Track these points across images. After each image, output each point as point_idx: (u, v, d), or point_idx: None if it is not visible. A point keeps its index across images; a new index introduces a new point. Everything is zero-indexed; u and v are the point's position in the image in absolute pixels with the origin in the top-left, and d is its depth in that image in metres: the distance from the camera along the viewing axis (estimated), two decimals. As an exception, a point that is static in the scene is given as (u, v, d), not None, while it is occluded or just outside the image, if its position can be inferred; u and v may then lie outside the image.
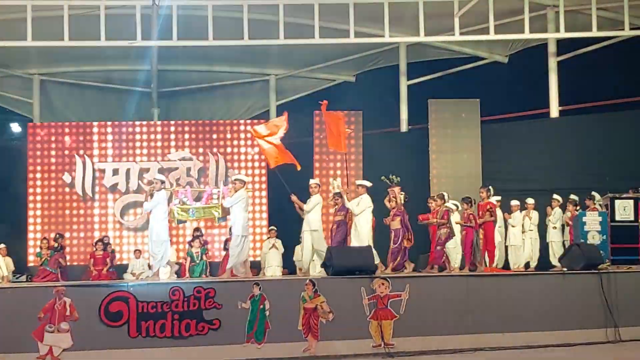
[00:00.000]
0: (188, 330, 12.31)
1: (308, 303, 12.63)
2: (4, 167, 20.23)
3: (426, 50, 20.70)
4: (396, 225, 15.40)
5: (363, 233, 14.89)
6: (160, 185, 14.65)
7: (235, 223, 14.61)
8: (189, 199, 15.34)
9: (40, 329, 11.95)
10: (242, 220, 14.55)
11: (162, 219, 14.53)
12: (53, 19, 16.36)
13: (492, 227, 15.96)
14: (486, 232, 15.93)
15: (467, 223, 15.72)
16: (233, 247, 14.56)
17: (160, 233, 14.47)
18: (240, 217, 14.54)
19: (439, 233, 15.82)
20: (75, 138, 19.92)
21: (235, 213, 14.59)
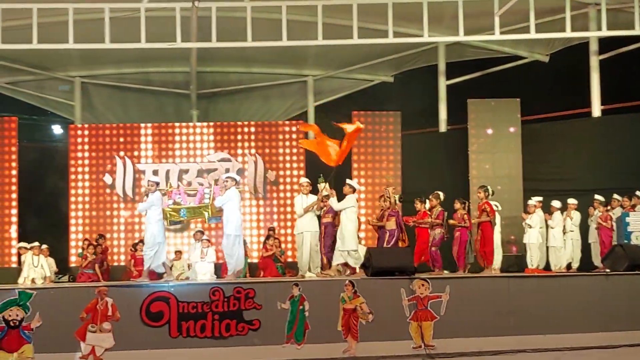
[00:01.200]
0: (228, 331, 12.37)
1: (347, 304, 12.63)
2: (46, 169, 20.47)
3: (465, 49, 20.58)
4: (391, 226, 15.38)
5: (347, 234, 14.72)
6: (155, 187, 14.68)
7: (227, 223, 14.38)
8: (182, 200, 15.33)
9: (83, 329, 12.09)
10: (234, 220, 14.32)
11: (157, 220, 14.53)
12: (94, 21, 16.50)
13: (489, 228, 15.83)
14: (484, 232, 15.83)
15: (461, 223, 15.63)
16: (227, 247, 14.33)
17: (155, 235, 14.47)
18: (233, 217, 14.32)
19: (433, 233, 15.79)
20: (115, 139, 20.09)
21: (227, 212, 14.37)
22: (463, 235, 15.63)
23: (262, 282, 13.33)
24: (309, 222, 15.01)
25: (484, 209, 15.87)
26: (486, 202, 15.94)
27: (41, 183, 20.19)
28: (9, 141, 19.48)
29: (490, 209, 15.89)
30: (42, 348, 11.98)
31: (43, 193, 20.21)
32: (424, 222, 16.03)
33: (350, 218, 14.88)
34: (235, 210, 14.40)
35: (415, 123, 20.70)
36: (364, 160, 20.01)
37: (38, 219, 19.67)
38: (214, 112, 22.73)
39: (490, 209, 15.89)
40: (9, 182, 19.36)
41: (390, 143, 20.05)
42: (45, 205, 20.18)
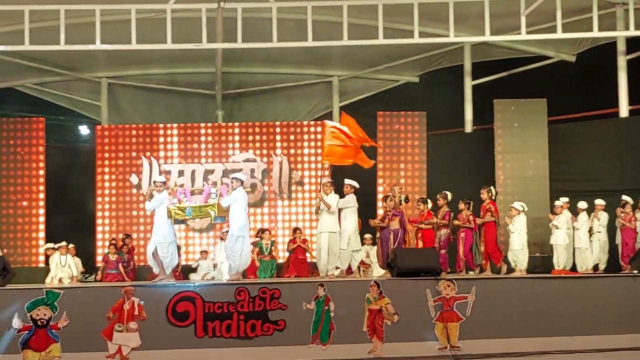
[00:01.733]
0: (253, 331, 12.43)
1: (373, 304, 12.65)
2: (73, 169, 20.61)
3: (491, 49, 20.50)
4: (395, 226, 15.27)
5: (345, 234, 14.77)
6: (162, 186, 14.65)
7: (232, 223, 14.28)
8: (187, 198, 15.35)
9: (110, 329, 12.19)
10: (239, 220, 14.17)
11: (167, 220, 14.46)
12: (121, 22, 16.59)
13: (492, 228, 15.72)
14: (486, 233, 15.71)
15: (466, 224, 15.53)
16: (230, 247, 14.20)
17: (167, 234, 14.37)
18: (238, 217, 14.17)
19: (439, 234, 15.68)
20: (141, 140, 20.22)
21: (233, 212, 14.24)
22: (468, 236, 15.50)
23: (287, 283, 13.37)
24: (327, 223, 14.93)
25: (488, 209, 15.76)
26: (490, 202, 15.82)
27: (68, 183, 20.35)
28: (37, 141, 19.65)
29: (495, 209, 15.78)
30: (70, 347, 12.10)
31: (70, 193, 20.38)
32: (428, 222, 15.93)
33: (350, 219, 14.96)
34: (241, 210, 14.26)
35: (440, 123, 20.65)
36: (389, 160, 19.99)
37: (65, 219, 19.82)
38: (239, 112, 22.80)
39: (495, 209, 15.78)
40: (36, 182, 19.53)
41: (416, 143, 20.03)
42: (72, 205, 20.33)
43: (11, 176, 19.50)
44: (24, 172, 19.53)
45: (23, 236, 19.38)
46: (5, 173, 19.49)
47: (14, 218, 19.44)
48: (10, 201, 19.47)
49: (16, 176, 19.50)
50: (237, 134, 20.42)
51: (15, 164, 19.52)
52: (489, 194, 15.95)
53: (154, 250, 14.28)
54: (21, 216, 19.46)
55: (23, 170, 19.53)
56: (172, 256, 14.46)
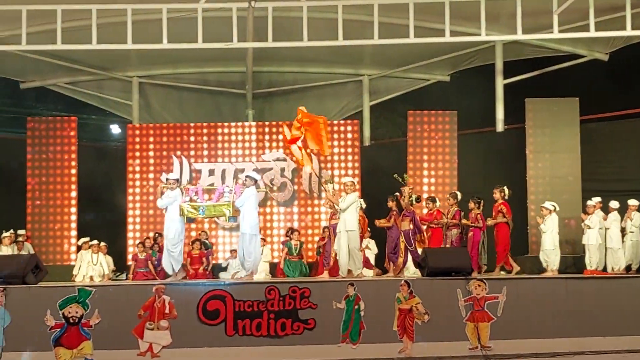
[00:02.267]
0: (284, 330, 12.45)
1: (403, 304, 12.62)
2: (104, 168, 20.77)
3: (523, 48, 20.39)
4: (406, 227, 15.22)
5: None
6: (175, 184, 14.75)
7: (244, 221, 14.41)
8: (199, 197, 15.36)
9: (141, 327, 12.27)
10: (251, 219, 14.35)
11: (179, 218, 14.62)
12: (152, 22, 16.70)
13: (504, 229, 15.61)
14: (498, 233, 15.69)
15: (474, 224, 15.42)
16: (245, 247, 14.29)
17: (179, 232, 14.56)
18: (250, 216, 14.35)
19: (450, 234, 15.62)
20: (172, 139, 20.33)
21: (245, 211, 14.40)
22: (476, 235, 15.42)
23: (317, 282, 13.38)
24: (347, 221, 14.83)
25: (500, 210, 15.66)
26: (503, 202, 15.72)
27: (99, 182, 20.50)
28: (69, 140, 19.82)
29: (508, 210, 15.67)
30: (101, 345, 12.19)
31: (101, 192, 20.53)
32: (438, 222, 15.84)
33: (351, 217, 14.87)
34: (252, 209, 14.43)
35: (471, 122, 20.56)
36: (420, 160, 19.94)
37: (96, 217, 20.03)
38: (269, 111, 22.85)
39: (508, 210, 15.67)
40: (68, 180, 19.70)
41: (447, 143, 19.94)
42: (104, 204, 20.52)
43: (43, 175, 19.68)
44: (56, 170, 19.71)
45: (55, 234, 19.55)
46: (37, 172, 19.68)
47: (46, 216, 19.61)
48: (43, 199, 19.65)
49: (48, 175, 19.68)
50: (267, 133, 20.46)
51: (48, 162, 19.70)
52: (501, 194, 15.87)
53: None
54: (53, 214, 19.62)
55: (55, 169, 19.71)
56: (180, 253, 14.64)
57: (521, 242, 18.64)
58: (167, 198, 14.61)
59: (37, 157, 19.72)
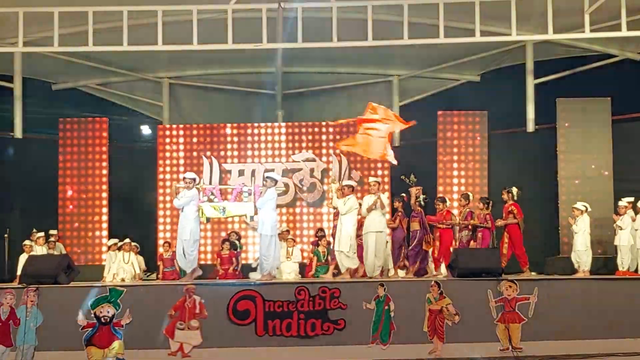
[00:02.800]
0: (314, 330, 12.47)
1: (433, 305, 12.59)
2: (135, 168, 20.91)
3: (554, 48, 20.24)
4: (415, 227, 15.17)
5: (345, 234, 14.63)
6: (192, 183, 14.61)
7: (263, 223, 14.37)
8: (217, 197, 15.28)
9: (172, 326, 12.34)
10: (270, 220, 14.34)
11: (195, 217, 14.50)
12: (182, 23, 16.80)
13: (516, 230, 15.41)
14: (511, 235, 15.47)
15: (483, 224, 15.27)
16: (264, 248, 14.27)
17: (194, 232, 14.42)
18: (269, 217, 14.34)
19: (460, 235, 15.50)
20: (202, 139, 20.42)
21: (264, 212, 14.38)
22: (485, 236, 15.28)
23: (347, 282, 13.37)
24: (374, 222, 14.81)
25: (510, 211, 15.49)
26: (513, 203, 15.54)
27: (130, 183, 20.63)
28: (100, 141, 20.00)
29: (518, 210, 15.50)
30: (132, 344, 12.29)
31: (132, 192, 20.65)
32: (446, 223, 15.72)
33: (350, 220, 14.83)
34: (271, 210, 14.43)
35: (502, 123, 20.44)
36: (450, 160, 19.88)
37: (127, 218, 20.12)
38: (299, 112, 22.87)
39: (518, 210, 15.50)
40: (99, 181, 19.87)
41: (477, 143, 19.89)
42: (134, 205, 20.61)
43: (75, 175, 19.87)
44: (88, 171, 19.89)
45: (86, 234, 19.74)
46: (69, 172, 19.87)
47: (78, 217, 19.81)
48: (74, 200, 19.82)
49: (80, 175, 19.87)
50: (297, 133, 20.49)
51: (79, 163, 19.89)
52: (509, 194, 15.67)
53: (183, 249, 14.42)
54: (84, 215, 19.82)
55: (87, 169, 19.89)
56: (195, 255, 14.54)
57: (552, 243, 18.54)
58: (184, 198, 14.48)
59: (69, 158, 19.90)
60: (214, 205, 14.99)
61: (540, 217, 19.09)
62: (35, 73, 21.42)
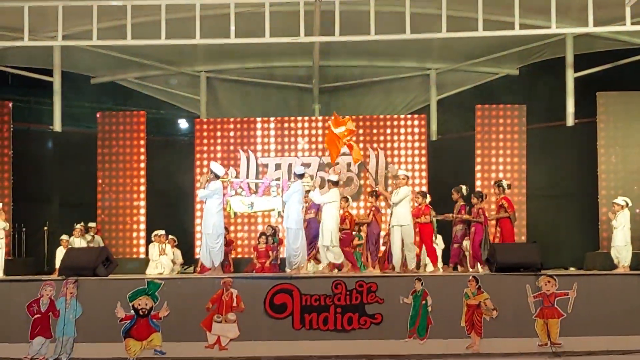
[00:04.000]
0: (350, 324, 12.45)
1: (471, 299, 12.53)
2: (173, 162, 21.04)
3: (594, 41, 20.04)
4: None
5: (327, 228, 14.52)
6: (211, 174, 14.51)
7: (288, 217, 14.40)
8: (245, 191, 15.19)
9: (209, 319, 12.38)
10: (296, 214, 14.36)
11: (218, 210, 14.33)
12: (219, 17, 16.87)
13: (508, 224, 15.08)
14: (502, 229, 15.09)
15: (476, 218, 15.05)
16: (292, 243, 14.27)
17: (217, 225, 14.30)
18: (295, 210, 14.36)
19: (455, 230, 15.28)
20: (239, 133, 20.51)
21: (290, 206, 14.40)
22: (478, 230, 15.02)
23: (384, 277, 13.34)
24: (400, 216, 14.62)
25: (501, 205, 15.15)
26: (504, 197, 15.18)
27: (168, 176, 20.78)
28: (138, 135, 20.15)
29: (509, 204, 15.18)
30: (170, 337, 12.34)
31: (169, 186, 20.80)
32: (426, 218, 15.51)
33: (331, 213, 14.75)
34: (297, 204, 14.44)
35: (541, 116, 20.31)
36: (488, 154, 19.79)
37: (165, 211, 20.26)
38: (335, 106, 22.77)
39: (509, 204, 15.18)
40: (137, 175, 20.04)
41: (515, 137, 19.77)
42: (172, 198, 20.76)
43: (113, 169, 20.06)
44: (126, 165, 20.06)
45: (125, 228, 19.92)
46: (107, 166, 20.06)
47: (116, 210, 19.99)
48: (113, 193, 19.99)
49: (118, 169, 20.06)
50: (333, 127, 20.48)
51: (117, 157, 20.08)
52: (499, 188, 15.27)
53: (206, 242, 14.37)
54: (122, 208, 19.99)
55: (125, 163, 20.06)
56: (220, 248, 14.41)
57: (592, 238, 18.38)
58: (208, 191, 14.35)
59: (107, 152, 20.09)
60: (242, 200, 14.95)
61: (580, 212, 18.95)
62: (75, 67, 21.64)
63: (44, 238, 18.96)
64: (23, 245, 19.17)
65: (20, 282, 13.16)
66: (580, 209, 19.03)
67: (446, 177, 18.50)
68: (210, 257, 14.34)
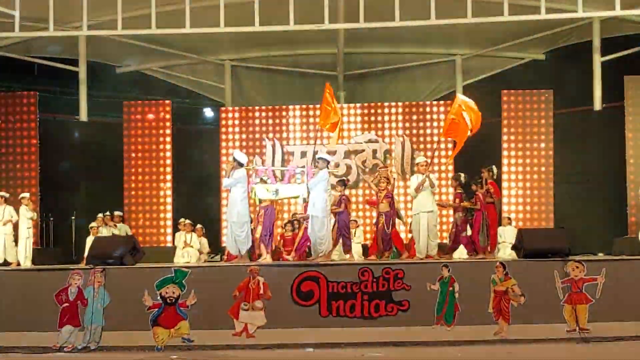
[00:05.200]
0: (377, 311, 12.46)
1: (498, 286, 12.50)
2: (199, 151, 21.14)
3: (622, 24, 19.84)
4: (385, 208, 14.87)
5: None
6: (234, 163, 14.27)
7: (313, 205, 14.18)
8: (270, 178, 15.12)
9: (236, 307, 12.43)
10: (322, 202, 14.10)
11: (242, 198, 14.12)
12: (244, 5, 16.89)
13: (492, 210, 14.76)
14: (488, 215, 14.69)
15: (474, 205, 14.86)
16: (317, 231, 14.08)
17: (242, 214, 14.12)
18: (320, 198, 14.11)
19: (455, 217, 15.07)
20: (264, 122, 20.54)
21: (315, 194, 14.18)
22: (477, 218, 14.73)
23: (410, 263, 13.33)
24: (424, 202, 14.50)
25: (487, 190, 14.77)
26: (490, 182, 14.88)
27: (194, 165, 20.89)
28: (163, 124, 20.22)
29: (495, 190, 14.85)
30: (198, 325, 12.40)
31: (195, 175, 20.89)
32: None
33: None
34: (322, 192, 14.17)
35: (568, 101, 20.17)
36: (515, 140, 19.69)
37: (192, 200, 20.35)
38: (361, 93, 22.86)
39: (495, 190, 14.85)
40: (163, 164, 20.12)
41: (542, 122, 19.64)
42: (198, 187, 20.84)
43: (139, 158, 20.15)
44: (152, 154, 20.14)
45: (151, 217, 20.03)
46: (134, 155, 20.15)
47: (142, 199, 20.09)
48: (139, 182, 20.10)
49: (144, 158, 20.15)
50: (359, 114, 20.50)
51: (144, 145, 20.16)
52: (489, 173, 14.84)
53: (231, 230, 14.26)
54: (149, 197, 20.09)
55: (151, 152, 20.15)
56: (247, 236, 14.27)
57: (620, 223, 18.25)
58: (233, 179, 14.18)
59: (133, 141, 20.18)
60: (266, 187, 14.92)
61: (608, 197, 18.84)
62: (100, 56, 21.78)
63: (71, 227, 19.12)
64: (51, 234, 19.38)
65: (48, 272, 13.29)
66: (608, 194, 18.91)
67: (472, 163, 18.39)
68: (237, 245, 14.30)
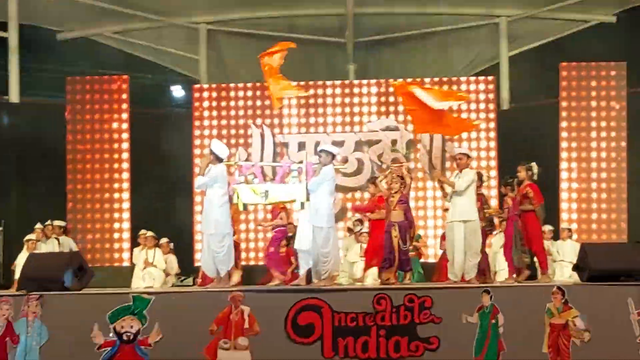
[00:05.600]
0: (398, 351, 12.42)
1: (556, 318, 12.47)
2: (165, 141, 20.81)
3: None
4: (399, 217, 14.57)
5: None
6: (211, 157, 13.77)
7: (316, 212, 13.80)
8: (257, 177, 14.96)
9: (213, 345, 12.38)
10: (325, 208, 13.74)
11: (222, 203, 13.73)
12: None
13: (533, 219, 14.65)
14: (525, 224, 14.63)
15: (500, 213, 14.82)
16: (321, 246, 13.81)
17: (221, 223, 13.72)
18: (324, 203, 13.73)
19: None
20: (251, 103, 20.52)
21: (316, 198, 13.78)
22: (508, 229, 14.79)
23: (441, 288, 13.31)
24: (461, 208, 14.10)
25: (525, 194, 14.63)
26: (529, 184, 14.75)
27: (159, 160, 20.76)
28: (119, 106, 20.24)
29: (536, 194, 14.63)
30: (163, 368, 12.41)
31: (161, 173, 20.80)
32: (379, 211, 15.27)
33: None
34: (327, 195, 13.81)
35: (645, 76, 20.23)
36: (576, 128, 19.75)
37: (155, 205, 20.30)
38: (376, 66, 22.87)
39: (536, 194, 14.63)
40: (118, 158, 20.27)
41: (612, 104, 19.68)
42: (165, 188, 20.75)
43: (87, 151, 20.13)
44: (104, 145, 20.16)
45: (103, 227, 20.01)
46: (80, 147, 20.14)
47: (91, 204, 20.07)
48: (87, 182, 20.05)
49: (94, 150, 20.18)
50: (374, 94, 20.53)
51: (93, 134, 20.15)
52: (527, 172, 14.77)
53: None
54: (100, 201, 20.12)
55: (102, 143, 20.14)
56: (228, 252, 13.90)
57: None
58: (207, 177, 13.70)
59: (80, 128, 20.15)
60: (253, 188, 14.58)
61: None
62: (36, 19, 21.72)
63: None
64: (-29, 250, 19.36)
65: (-33, 300, 13.29)
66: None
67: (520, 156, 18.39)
68: (215, 265, 14.21)
